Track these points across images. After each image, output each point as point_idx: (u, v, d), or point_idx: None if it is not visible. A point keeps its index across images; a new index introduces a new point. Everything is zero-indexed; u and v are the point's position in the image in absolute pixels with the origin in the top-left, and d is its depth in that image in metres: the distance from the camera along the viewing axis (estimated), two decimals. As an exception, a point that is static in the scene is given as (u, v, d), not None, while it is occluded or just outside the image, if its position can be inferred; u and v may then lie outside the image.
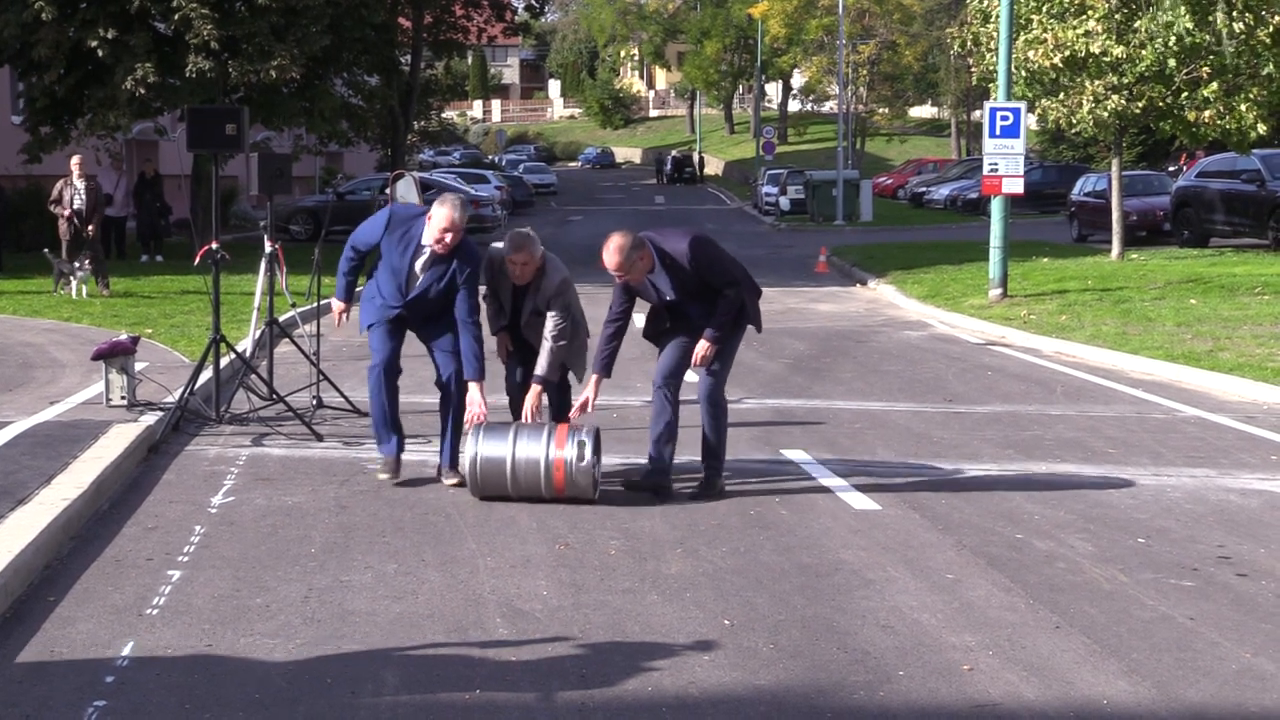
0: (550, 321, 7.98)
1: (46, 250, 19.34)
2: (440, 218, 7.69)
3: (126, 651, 5.43)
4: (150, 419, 9.53)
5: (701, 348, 7.66)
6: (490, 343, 8.33)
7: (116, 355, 10.07)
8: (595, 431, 7.57)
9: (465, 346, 7.86)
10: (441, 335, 8.10)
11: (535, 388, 8.01)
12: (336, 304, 8.43)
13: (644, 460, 8.21)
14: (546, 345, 7.99)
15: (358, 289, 8.76)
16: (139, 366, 10.62)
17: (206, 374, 10.38)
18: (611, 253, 7.50)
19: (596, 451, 7.52)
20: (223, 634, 5.63)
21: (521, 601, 6.05)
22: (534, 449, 7.43)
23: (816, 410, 10.99)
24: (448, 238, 7.71)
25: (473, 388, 7.83)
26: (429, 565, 6.56)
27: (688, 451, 8.35)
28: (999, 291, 19.30)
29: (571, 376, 8.50)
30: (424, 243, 7.85)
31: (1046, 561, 6.82)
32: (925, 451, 9.52)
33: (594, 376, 7.86)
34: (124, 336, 10.56)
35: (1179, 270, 21.67)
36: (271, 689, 5.06)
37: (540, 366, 7.98)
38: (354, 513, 7.49)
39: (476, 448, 7.48)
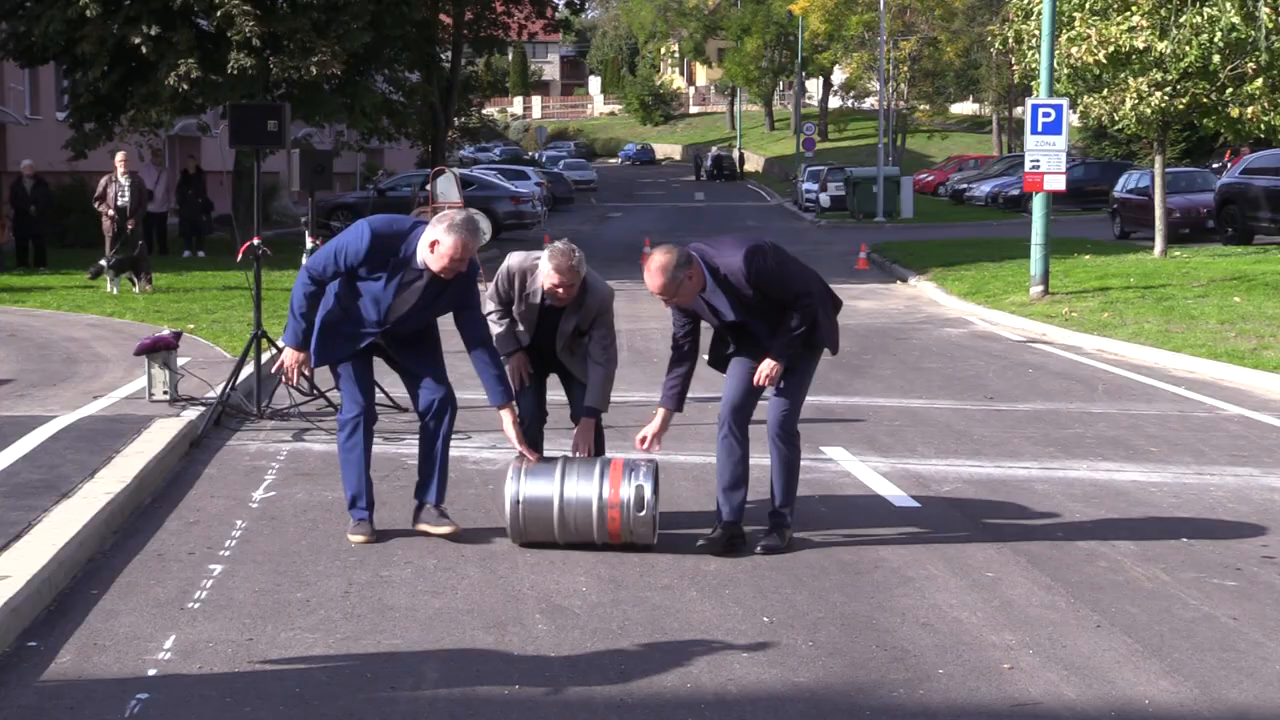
0: (598, 344, 6.92)
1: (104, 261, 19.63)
2: (451, 247, 6.36)
3: (169, 645, 5.46)
4: (192, 414, 9.57)
5: (766, 368, 6.48)
6: None
7: (159, 350, 10.11)
8: (654, 469, 6.59)
9: (488, 372, 6.66)
10: (422, 356, 6.86)
11: (587, 422, 6.97)
12: (293, 354, 6.73)
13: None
14: (597, 370, 6.93)
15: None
16: (181, 362, 10.66)
17: (248, 369, 10.45)
18: (654, 274, 6.30)
19: (655, 492, 6.56)
20: (263, 628, 5.65)
21: (560, 597, 6.05)
22: (587, 488, 6.50)
23: (856, 408, 10.94)
24: (461, 266, 6.48)
25: (506, 415, 6.67)
26: (468, 560, 6.58)
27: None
28: (1040, 289, 19.19)
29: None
30: (418, 265, 6.50)
31: (1088, 560, 6.78)
32: (966, 449, 9.49)
33: (661, 411, 6.71)
34: (166, 332, 10.64)
35: (1222, 268, 21.50)
36: (311, 683, 5.08)
37: (592, 395, 6.93)
38: (393, 508, 7.47)
39: (519, 487, 6.56)
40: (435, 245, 6.42)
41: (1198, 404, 11.47)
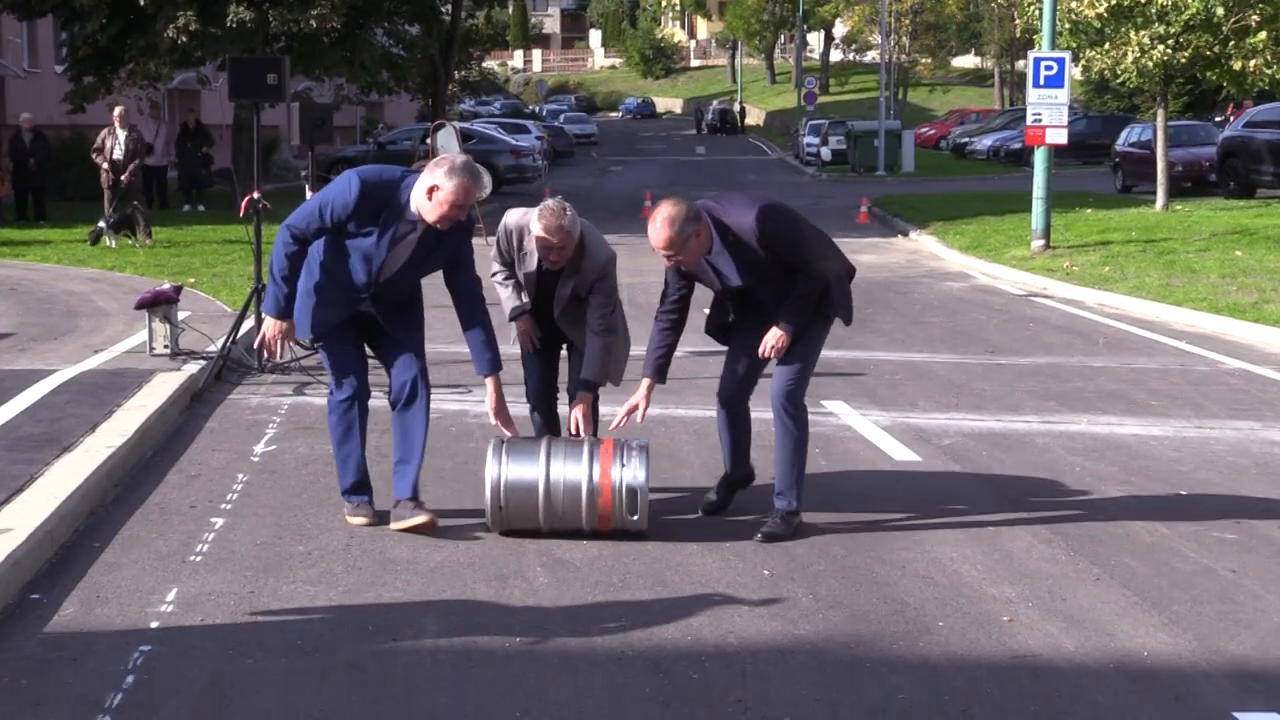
0: (596, 311, 6.35)
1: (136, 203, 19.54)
2: (452, 191, 5.80)
3: (170, 597, 5.50)
4: (193, 368, 9.60)
5: (772, 337, 6.03)
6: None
7: (159, 304, 10.14)
8: (645, 450, 6.07)
9: (476, 337, 6.12)
10: (406, 332, 6.26)
11: (583, 397, 6.36)
12: (274, 323, 6.08)
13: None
14: (595, 340, 6.37)
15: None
16: (182, 316, 10.69)
17: (249, 323, 10.42)
18: (661, 226, 5.80)
19: (647, 472, 6.03)
20: (265, 581, 5.68)
21: (561, 551, 6.08)
22: (575, 469, 5.95)
23: (857, 361, 10.96)
24: (461, 215, 5.95)
25: (490, 386, 6.17)
26: (468, 515, 6.57)
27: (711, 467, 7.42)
28: (1042, 243, 19.20)
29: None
30: (411, 216, 5.96)
31: (1087, 513, 6.83)
32: (966, 403, 9.52)
33: (645, 381, 6.24)
34: (167, 286, 10.65)
35: (1224, 221, 21.47)
36: (312, 635, 5.11)
37: (588, 368, 6.37)
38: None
39: (500, 470, 5.98)
40: (434, 191, 5.86)
41: (1199, 358, 11.49)
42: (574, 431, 6.40)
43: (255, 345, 8.14)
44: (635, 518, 6.03)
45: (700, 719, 4.47)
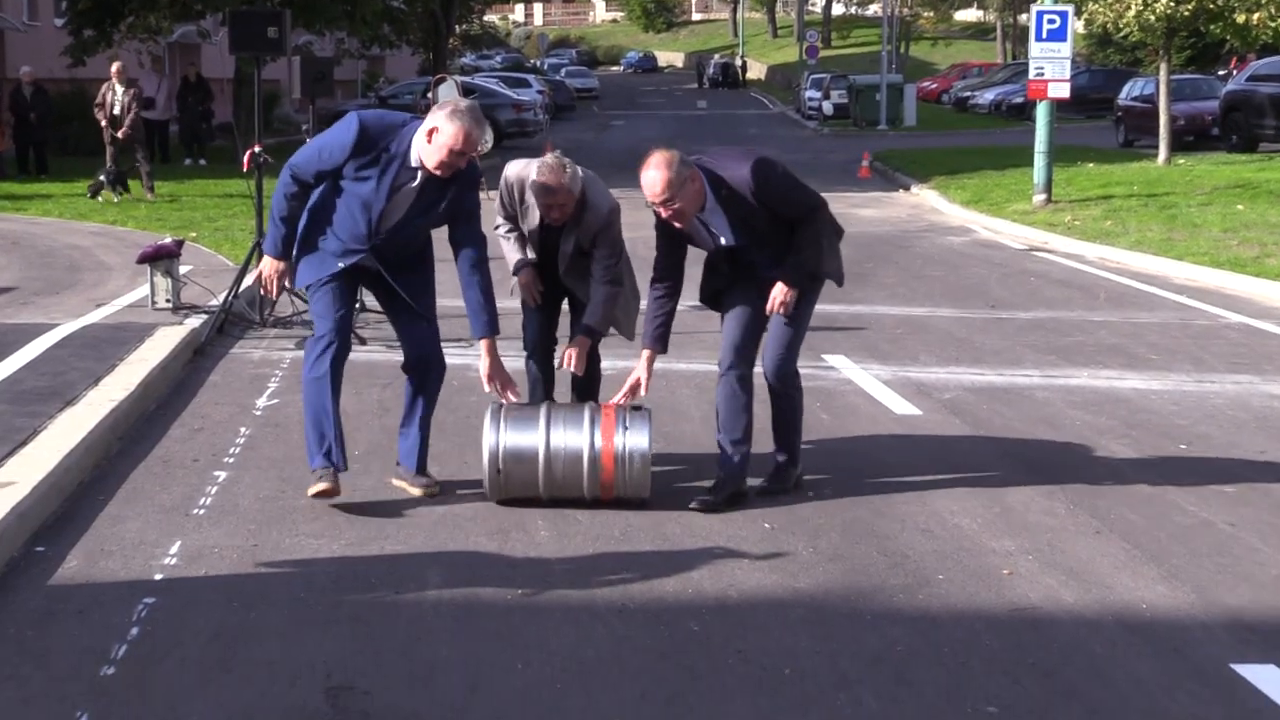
0: (600, 263, 6.26)
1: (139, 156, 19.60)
2: (452, 136, 5.63)
3: (174, 550, 5.55)
4: (195, 322, 9.66)
5: (779, 293, 5.94)
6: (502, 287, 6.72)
7: (161, 259, 10.18)
8: (648, 415, 5.99)
9: (476, 291, 5.97)
10: (414, 294, 6.08)
11: (580, 340, 6.28)
12: (272, 262, 6.01)
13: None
14: (600, 289, 6.27)
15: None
16: (183, 270, 10.72)
17: (250, 277, 10.51)
18: (655, 169, 5.66)
19: (650, 439, 5.95)
20: (268, 534, 5.74)
21: (564, 504, 6.11)
22: (577, 437, 5.85)
23: (859, 316, 11.04)
24: (461, 162, 5.76)
25: (484, 348, 5.97)
26: (471, 468, 6.59)
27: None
28: (1043, 197, 19.27)
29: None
30: (413, 163, 5.79)
31: (1087, 467, 6.89)
32: (966, 357, 9.57)
33: (646, 352, 6.08)
34: (168, 240, 10.68)
35: (1226, 175, 21.53)
36: (316, 587, 5.18)
37: (591, 313, 6.28)
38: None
39: (499, 437, 5.85)
40: (434, 134, 5.69)
41: (1199, 312, 11.57)
42: (562, 365, 6.34)
43: (253, 283, 8.07)
44: (638, 462, 5.89)
45: (700, 669, 4.52)
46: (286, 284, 6.22)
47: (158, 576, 5.32)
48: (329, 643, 4.72)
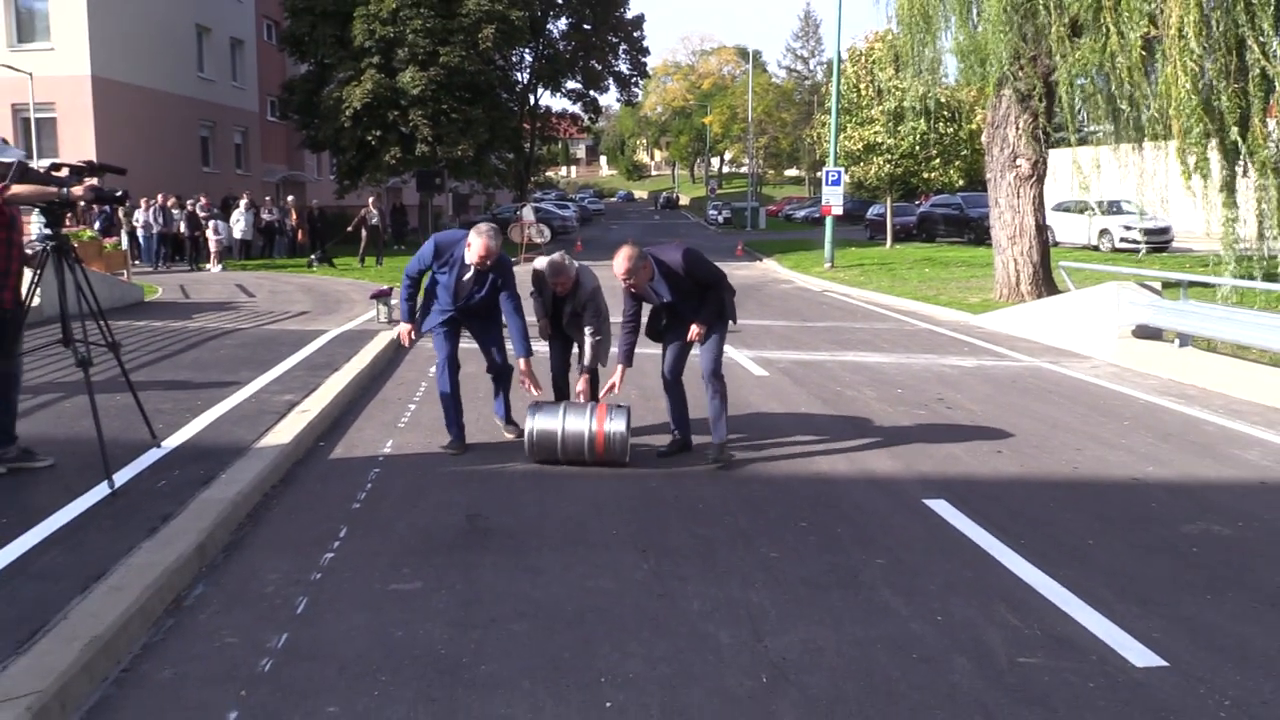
0: (589, 321, 7.03)
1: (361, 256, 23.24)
2: (477, 246, 6.52)
3: (388, 445, 6.63)
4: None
5: (696, 328, 6.70)
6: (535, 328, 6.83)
7: (381, 296, 12.35)
8: (627, 410, 6.67)
9: (515, 329, 6.56)
10: (488, 333, 6.86)
11: (585, 375, 7.00)
12: (403, 326, 6.88)
13: (656, 425, 7.56)
14: (588, 341, 7.01)
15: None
16: (393, 301, 13.00)
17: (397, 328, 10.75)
18: (622, 260, 6.37)
19: (628, 425, 6.57)
20: (435, 439, 6.84)
21: (573, 464, 6.79)
22: (580, 423, 6.57)
23: (738, 325, 11.94)
24: (488, 261, 6.54)
25: (522, 364, 6.57)
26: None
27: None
28: (829, 264, 23.88)
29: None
30: (467, 261, 6.61)
31: (850, 401, 8.65)
32: (790, 345, 11.79)
33: (619, 366, 6.66)
34: (385, 287, 12.88)
35: (920, 254, 26.53)
36: (460, 465, 6.14)
37: (586, 358, 7.03)
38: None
39: (533, 423, 6.51)
40: (470, 246, 6.42)
41: (906, 323, 14.45)
42: (579, 395, 6.75)
43: (395, 339, 8.60)
44: (619, 436, 6.53)
45: (655, 504, 5.62)
46: (413, 335, 6.72)
47: (380, 456, 6.31)
48: (467, 493, 5.64)
